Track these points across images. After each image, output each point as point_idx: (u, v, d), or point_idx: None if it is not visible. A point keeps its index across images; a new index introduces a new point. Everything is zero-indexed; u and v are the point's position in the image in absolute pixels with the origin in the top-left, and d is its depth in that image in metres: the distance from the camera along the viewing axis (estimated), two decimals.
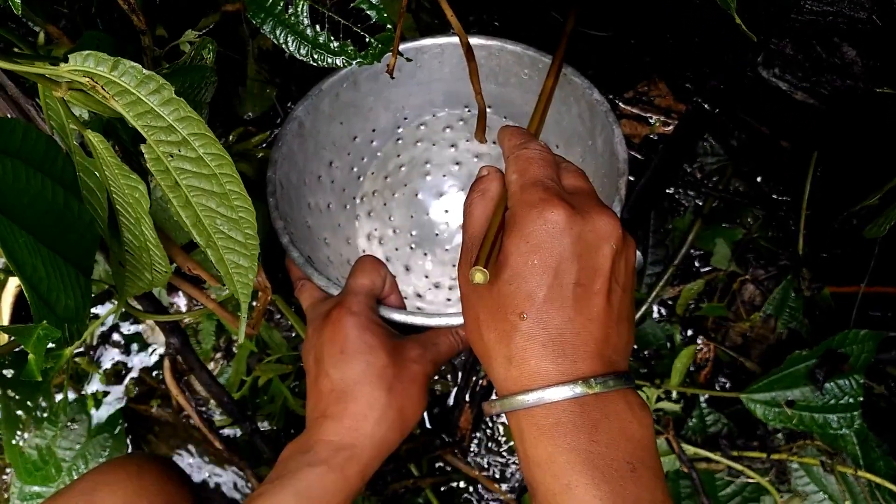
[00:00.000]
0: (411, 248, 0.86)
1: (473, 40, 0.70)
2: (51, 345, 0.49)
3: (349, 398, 0.57)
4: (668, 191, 0.87)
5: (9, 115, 0.51)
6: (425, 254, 0.86)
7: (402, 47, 0.72)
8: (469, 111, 0.82)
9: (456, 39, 0.74)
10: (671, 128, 0.86)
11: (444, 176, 0.87)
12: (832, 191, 0.79)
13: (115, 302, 0.59)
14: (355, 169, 0.82)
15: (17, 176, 0.42)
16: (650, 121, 0.88)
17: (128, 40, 0.52)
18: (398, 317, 0.63)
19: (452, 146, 0.85)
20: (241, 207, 0.40)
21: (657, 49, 0.82)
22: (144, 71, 0.36)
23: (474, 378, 0.86)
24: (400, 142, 0.84)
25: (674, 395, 0.85)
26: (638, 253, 0.59)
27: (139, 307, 0.61)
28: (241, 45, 0.83)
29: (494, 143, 0.82)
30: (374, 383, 0.57)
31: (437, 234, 0.87)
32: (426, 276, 0.85)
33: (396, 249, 0.85)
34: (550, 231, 0.43)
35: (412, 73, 0.77)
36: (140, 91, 0.36)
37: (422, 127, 0.84)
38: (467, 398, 0.86)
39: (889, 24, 0.55)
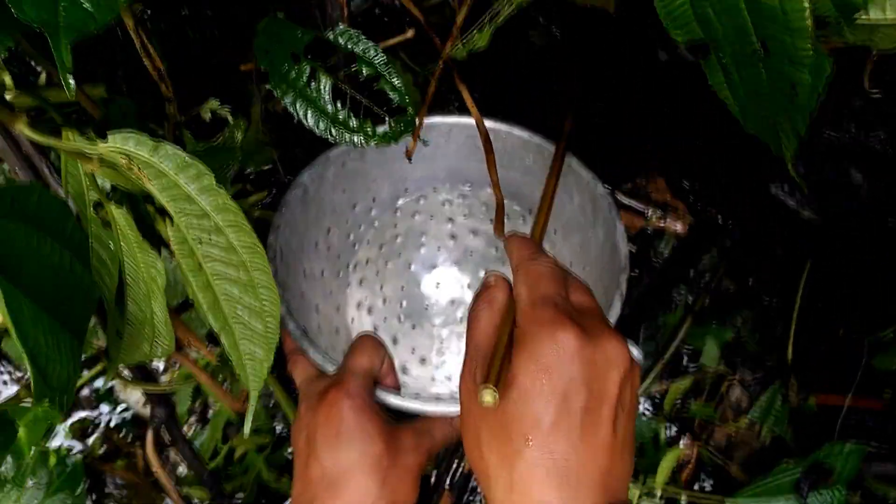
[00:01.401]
0: (399, 319, 0.84)
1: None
2: None
3: (341, 487, 0.54)
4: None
5: (17, 170, 0.49)
6: (413, 326, 0.84)
7: None
8: (469, 187, 0.82)
9: (465, 119, 0.74)
10: (673, 225, 0.87)
11: (438, 249, 0.86)
12: (823, 301, 0.80)
13: (98, 366, 0.57)
14: (352, 236, 0.81)
15: (29, 243, 0.40)
16: (646, 214, 0.89)
17: (149, 104, 0.51)
18: (395, 401, 0.61)
19: (450, 220, 0.85)
20: (267, 299, 0.39)
21: (661, 149, 0.84)
22: (186, 158, 0.34)
23: (456, 462, 0.84)
24: (398, 213, 0.83)
25: (658, 494, 0.84)
26: (638, 352, 0.59)
27: (127, 375, 0.58)
28: (244, 101, 0.82)
29: (491, 220, 0.82)
30: (368, 473, 0.55)
31: (426, 308, 0.86)
32: (413, 351, 0.83)
33: (385, 320, 0.84)
34: (561, 354, 0.42)
35: (418, 149, 0.77)
36: (179, 176, 0.35)
37: (422, 200, 0.83)
38: (447, 483, 0.84)
39: None
